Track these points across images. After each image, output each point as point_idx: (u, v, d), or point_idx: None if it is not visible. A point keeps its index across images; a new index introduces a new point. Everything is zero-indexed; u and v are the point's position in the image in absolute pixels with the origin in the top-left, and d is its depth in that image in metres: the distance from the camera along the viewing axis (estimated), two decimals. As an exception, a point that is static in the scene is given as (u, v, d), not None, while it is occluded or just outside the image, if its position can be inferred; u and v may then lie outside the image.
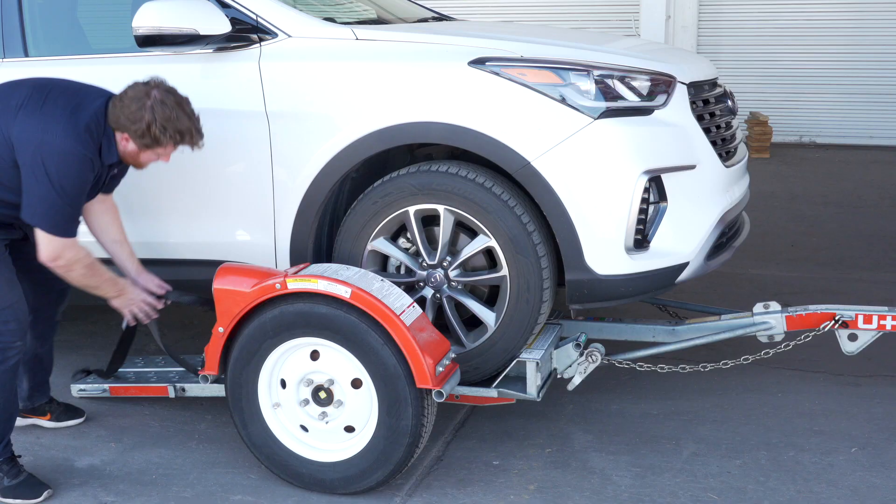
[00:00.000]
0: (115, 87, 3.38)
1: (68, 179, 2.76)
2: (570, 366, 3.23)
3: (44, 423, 3.47)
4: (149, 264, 3.43)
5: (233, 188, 3.30)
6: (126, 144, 2.87)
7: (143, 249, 3.44)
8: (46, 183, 2.73)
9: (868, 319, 3.23)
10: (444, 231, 3.11)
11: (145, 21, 3.09)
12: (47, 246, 2.83)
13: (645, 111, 3.05)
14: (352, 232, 3.20)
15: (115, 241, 3.22)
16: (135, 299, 3.15)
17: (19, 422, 3.29)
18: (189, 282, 3.41)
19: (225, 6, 3.21)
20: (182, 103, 2.86)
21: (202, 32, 3.12)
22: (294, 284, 2.86)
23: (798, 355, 3.70)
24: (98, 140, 2.82)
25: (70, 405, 3.56)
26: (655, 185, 3.04)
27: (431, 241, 3.18)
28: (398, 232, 3.24)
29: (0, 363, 2.93)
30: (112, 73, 3.41)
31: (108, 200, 3.18)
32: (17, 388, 3.05)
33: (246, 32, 3.22)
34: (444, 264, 3.15)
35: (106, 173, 2.96)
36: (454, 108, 3.01)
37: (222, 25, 3.15)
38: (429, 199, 3.07)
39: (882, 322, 3.21)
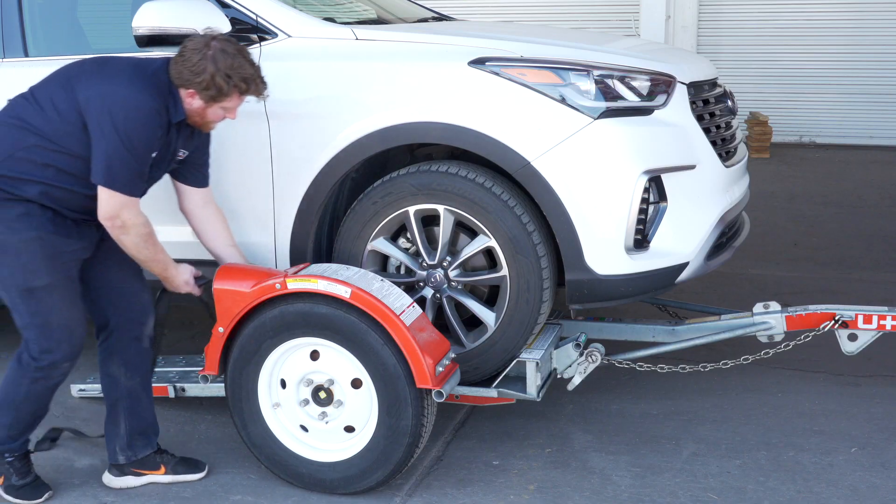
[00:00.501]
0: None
1: (136, 131, 2.66)
2: (570, 366, 3.23)
3: (159, 477, 3.10)
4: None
5: (232, 188, 3.30)
6: (192, 101, 2.76)
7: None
8: (113, 134, 2.64)
9: (868, 319, 3.23)
10: (443, 231, 3.11)
11: (145, 21, 3.09)
12: (107, 202, 2.71)
13: (645, 111, 3.05)
14: (352, 232, 3.20)
15: (229, 245, 3.10)
16: (178, 288, 3.01)
17: (132, 481, 3.08)
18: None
19: (225, 6, 3.21)
20: (243, 51, 2.77)
21: (202, 32, 3.11)
22: (294, 284, 2.86)
23: (798, 355, 3.70)
24: (164, 95, 2.73)
25: (186, 457, 3.19)
26: (655, 185, 3.04)
27: (431, 242, 3.18)
28: (398, 232, 3.24)
29: (44, 379, 2.87)
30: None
31: (211, 202, 3.08)
32: (49, 401, 2.98)
33: (246, 32, 3.22)
34: (444, 264, 3.15)
35: (175, 137, 2.84)
36: (454, 108, 3.01)
37: (222, 25, 3.14)
38: (429, 199, 3.07)
39: (882, 322, 3.21)
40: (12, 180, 2.74)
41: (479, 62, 3.01)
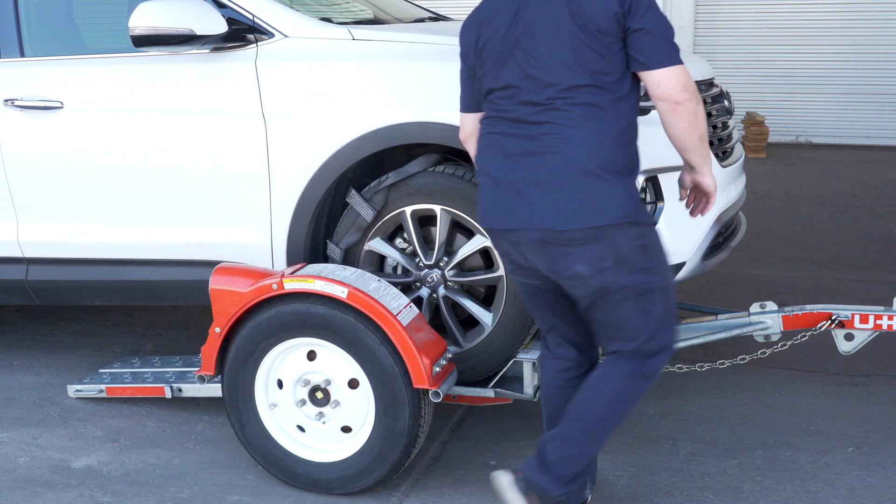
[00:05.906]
0: (112, 88, 3.40)
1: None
2: (567, 366, 3.23)
3: None
4: (144, 264, 3.43)
5: (229, 188, 3.30)
6: None
7: (139, 249, 3.44)
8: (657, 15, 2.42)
9: (864, 319, 3.23)
10: (440, 231, 3.11)
11: (141, 21, 3.08)
12: (673, 77, 2.45)
13: (641, 111, 3.04)
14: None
15: None
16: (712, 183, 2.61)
17: None
18: (185, 282, 3.40)
19: (221, 6, 3.21)
20: None
21: (198, 32, 3.11)
22: (291, 285, 2.86)
23: (794, 355, 3.70)
24: None
25: None
26: (652, 186, 3.04)
27: (428, 242, 3.18)
28: (395, 232, 3.24)
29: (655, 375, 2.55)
30: (108, 73, 3.42)
31: None
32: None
33: (242, 32, 3.22)
34: (441, 264, 3.15)
35: None
36: (451, 108, 3.00)
37: (219, 25, 3.14)
38: (425, 200, 3.07)
39: (878, 322, 3.21)
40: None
41: (475, 62, 3.00)
